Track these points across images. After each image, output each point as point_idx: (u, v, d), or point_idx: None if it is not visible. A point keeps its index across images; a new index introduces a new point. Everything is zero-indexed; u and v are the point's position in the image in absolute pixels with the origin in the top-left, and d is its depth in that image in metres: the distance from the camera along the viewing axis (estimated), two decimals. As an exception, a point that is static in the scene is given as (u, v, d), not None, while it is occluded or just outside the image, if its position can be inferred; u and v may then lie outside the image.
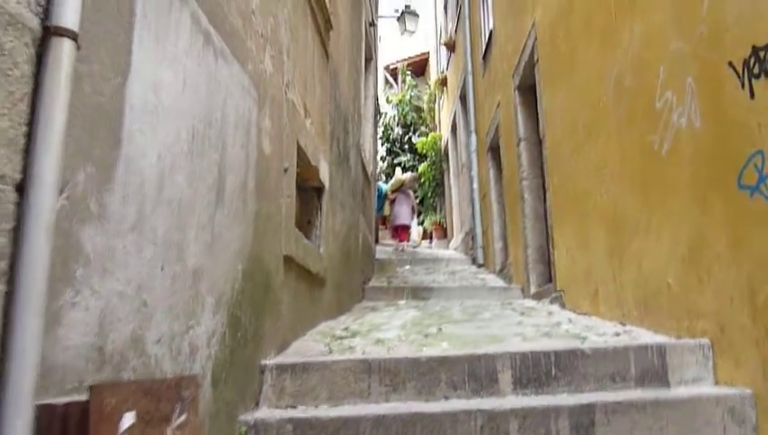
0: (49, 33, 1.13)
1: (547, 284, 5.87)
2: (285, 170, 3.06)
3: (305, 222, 4.15)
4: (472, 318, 4.43)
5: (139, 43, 1.46)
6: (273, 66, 2.84)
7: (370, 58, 8.32)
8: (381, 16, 14.75)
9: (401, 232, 12.27)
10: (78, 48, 1.17)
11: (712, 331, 2.66)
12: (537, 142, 6.40)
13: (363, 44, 7.05)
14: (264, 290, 2.62)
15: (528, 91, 6.49)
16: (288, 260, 3.06)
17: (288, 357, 2.82)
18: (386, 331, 3.67)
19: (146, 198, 1.49)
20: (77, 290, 1.21)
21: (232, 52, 2.18)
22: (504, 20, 7.29)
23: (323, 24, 4.21)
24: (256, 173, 2.51)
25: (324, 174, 4.14)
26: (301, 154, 3.47)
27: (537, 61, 5.65)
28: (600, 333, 3.34)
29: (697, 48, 2.72)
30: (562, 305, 5.04)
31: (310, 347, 3.13)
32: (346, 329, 3.79)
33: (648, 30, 3.25)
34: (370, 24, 7.96)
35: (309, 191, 4.14)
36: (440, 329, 3.63)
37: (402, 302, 6.32)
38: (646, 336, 3.11)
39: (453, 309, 5.26)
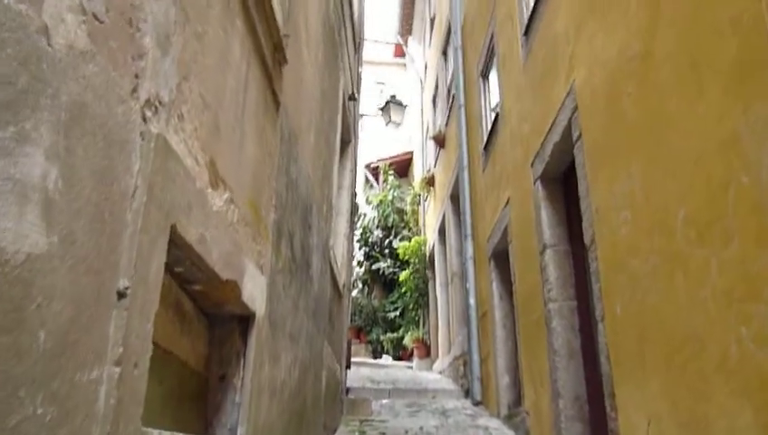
0: None
1: (598, 461, 3.96)
2: (120, 296, 1.26)
3: (216, 378, 2.31)
4: None
5: None
6: (95, 43, 1.13)
7: (348, 140, 6.75)
8: (364, 115, 13.50)
9: None
10: None
11: None
12: (570, 251, 4.72)
13: (340, 119, 5.49)
14: None
15: (558, 181, 4.89)
16: None
17: None
18: None
19: None
20: None
21: None
22: (520, 97, 5.82)
23: (269, 47, 2.58)
24: None
25: (254, 293, 2.35)
26: (190, 256, 1.70)
27: (579, 137, 4.07)
28: None
29: None
30: None
31: None
32: None
33: None
34: (350, 98, 6.44)
35: (223, 323, 2.33)
36: None
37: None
38: None
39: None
